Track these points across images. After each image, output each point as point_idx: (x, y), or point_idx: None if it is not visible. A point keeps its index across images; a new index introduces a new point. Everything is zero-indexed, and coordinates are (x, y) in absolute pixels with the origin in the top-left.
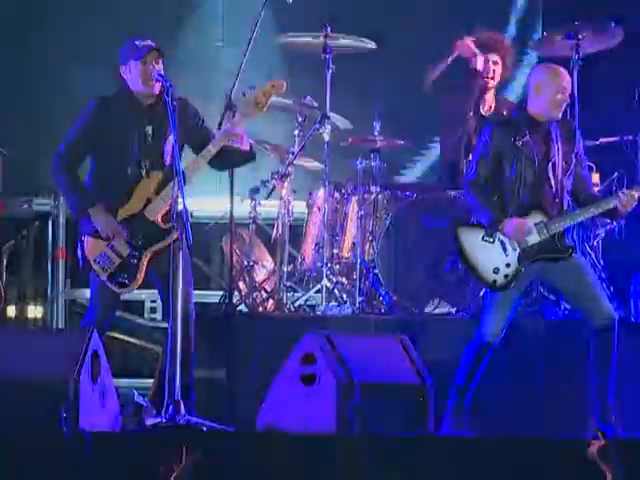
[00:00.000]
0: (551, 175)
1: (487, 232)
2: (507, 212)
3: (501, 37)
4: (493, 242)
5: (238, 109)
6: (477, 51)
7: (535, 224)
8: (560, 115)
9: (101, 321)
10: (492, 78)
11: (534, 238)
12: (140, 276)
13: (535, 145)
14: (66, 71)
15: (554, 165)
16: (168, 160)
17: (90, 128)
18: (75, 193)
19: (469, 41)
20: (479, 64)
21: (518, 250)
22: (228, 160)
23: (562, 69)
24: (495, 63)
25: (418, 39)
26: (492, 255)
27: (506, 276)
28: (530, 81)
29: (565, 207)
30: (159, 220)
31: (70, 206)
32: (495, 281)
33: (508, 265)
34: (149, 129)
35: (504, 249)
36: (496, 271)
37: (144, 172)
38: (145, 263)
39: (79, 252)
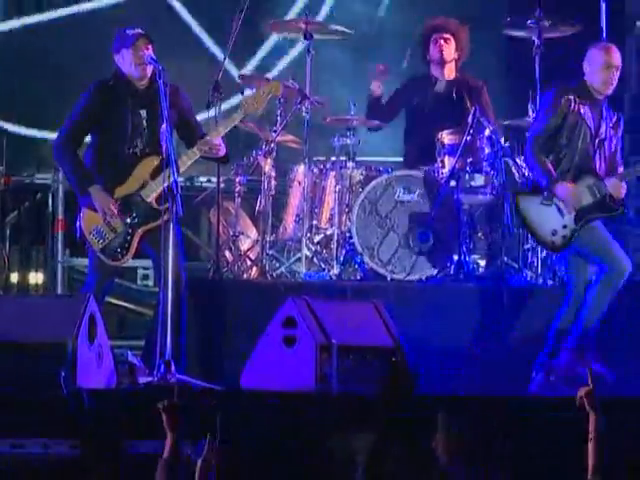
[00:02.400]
0: (603, 142)
1: (545, 197)
2: (561, 173)
3: (451, 20)
4: (550, 206)
5: (240, 106)
6: None
7: (587, 186)
8: (611, 90)
9: (100, 288)
10: (442, 52)
11: (587, 199)
12: (131, 251)
13: (591, 114)
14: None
15: (605, 133)
16: (164, 144)
17: (89, 111)
18: (77, 174)
19: None
20: (430, 49)
21: (573, 212)
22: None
23: (612, 46)
24: (446, 40)
25: (388, 25)
26: (550, 218)
27: (564, 237)
28: (586, 57)
29: (612, 173)
30: (153, 201)
31: (71, 185)
32: (554, 242)
33: (565, 227)
34: (143, 112)
35: (560, 212)
36: (554, 233)
37: (139, 153)
38: (137, 239)
39: (77, 223)
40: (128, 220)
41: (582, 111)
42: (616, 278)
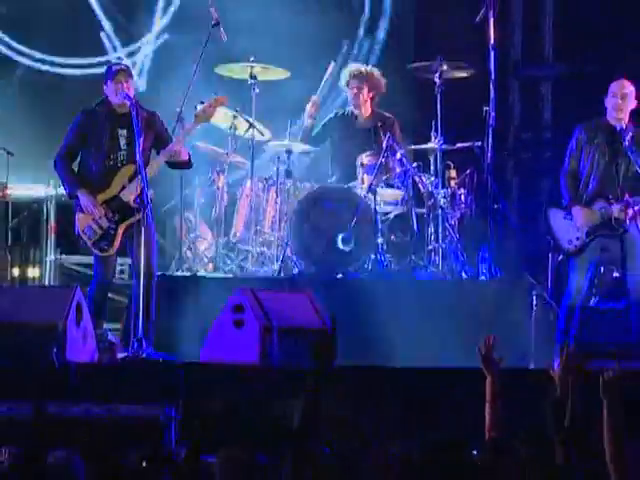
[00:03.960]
0: (618, 171)
1: (567, 213)
2: (582, 195)
3: (362, 66)
4: (571, 220)
5: (194, 117)
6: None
7: (599, 209)
8: (621, 118)
9: (106, 280)
10: (359, 98)
11: (596, 220)
12: (116, 243)
13: (605, 146)
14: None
15: (621, 163)
16: (140, 155)
17: (79, 134)
18: (69, 180)
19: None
20: (349, 94)
21: (585, 229)
22: (173, 166)
23: (621, 80)
24: (361, 89)
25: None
26: (569, 230)
27: (576, 246)
28: (608, 93)
29: (625, 196)
30: (131, 201)
31: (65, 189)
32: (569, 249)
33: (578, 238)
34: (123, 132)
35: (576, 227)
36: (570, 242)
37: (119, 164)
38: (120, 233)
39: (75, 224)
40: (112, 218)
41: (597, 143)
42: None
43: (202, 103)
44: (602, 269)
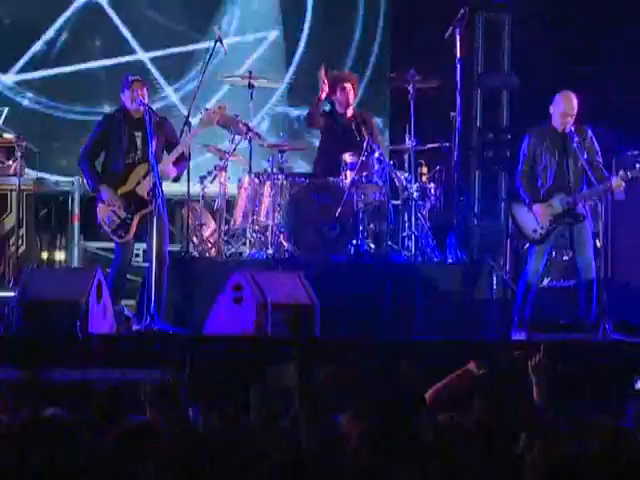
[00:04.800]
0: (569, 167)
1: (527, 206)
2: (538, 194)
3: (350, 73)
4: (532, 212)
5: (199, 121)
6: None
7: (559, 200)
8: (565, 126)
9: (124, 263)
10: (348, 97)
11: (558, 210)
12: (132, 231)
13: (554, 147)
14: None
15: (572, 160)
16: (153, 155)
17: (100, 136)
18: (92, 178)
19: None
20: (338, 94)
21: (550, 217)
22: (175, 163)
23: (567, 94)
24: (349, 89)
25: (302, 81)
26: (532, 221)
27: (541, 235)
28: (553, 102)
29: (579, 188)
30: (145, 195)
31: (88, 185)
32: (534, 238)
33: (542, 227)
34: (139, 134)
35: (541, 216)
36: (534, 231)
37: (136, 162)
38: (135, 222)
39: (97, 213)
40: (128, 209)
41: (547, 145)
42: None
43: (206, 109)
44: (554, 253)
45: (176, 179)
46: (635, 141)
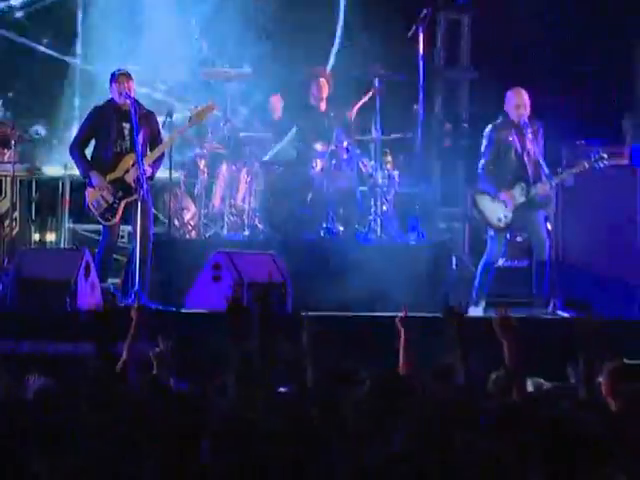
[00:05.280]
0: (527, 158)
1: (493, 196)
2: (504, 181)
3: (324, 69)
4: (497, 201)
5: (188, 119)
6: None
7: (521, 189)
8: (521, 118)
9: (111, 244)
10: (322, 92)
11: (521, 198)
12: (118, 215)
13: (515, 139)
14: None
15: (529, 151)
16: (140, 146)
17: (90, 127)
18: (83, 165)
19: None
20: (313, 89)
21: (512, 206)
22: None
23: (517, 89)
24: (322, 85)
25: (277, 69)
26: (497, 210)
27: (505, 223)
28: (506, 98)
29: (539, 178)
30: (131, 182)
31: (79, 170)
32: (499, 226)
33: (506, 216)
34: (127, 125)
35: (505, 205)
36: (499, 220)
37: (124, 151)
38: (122, 207)
39: (85, 198)
40: (115, 194)
41: (510, 138)
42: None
43: (195, 107)
44: (509, 235)
45: (151, 177)
46: (582, 133)
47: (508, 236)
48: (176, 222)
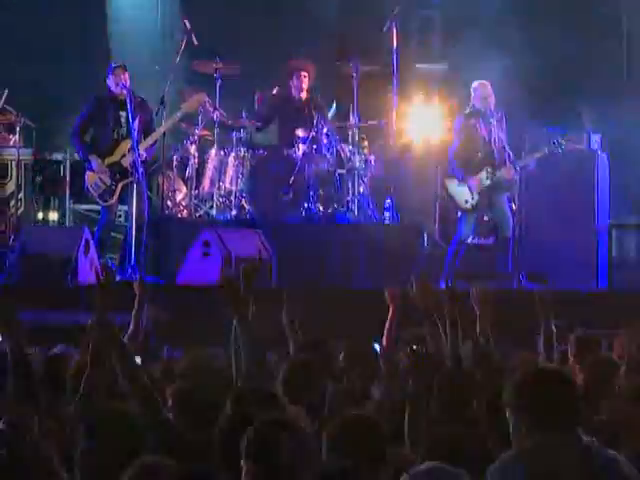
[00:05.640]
0: (492, 144)
1: (460, 180)
2: (472, 165)
3: (305, 62)
4: (464, 185)
5: (180, 108)
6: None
7: (487, 173)
8: (487, 108)
9: (109, 222)
10: (302, 83)
11: (486, 182)
12: (116, 196)
13: (482, 127)
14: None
15: (494, 138)
16: (135, 132)
17: (89, 115)
18: (83, 150)
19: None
20: (294, 80)
21: (478, 190)
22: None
23: (482, 82)
24: (304, 76)
25: (264, 64)
26: (464, 193)
27: (472, 204)
28: (473, 90)
29: (504, 162)
30: (128, 166)
31: (79, 155)
32: (467, 208)
33: (473, 198)
34: (123, 113)
35: (472, 189)
36: (466, 202)
37: (121, 138)
38: (119, 189)
39: (85, 180)
40: (113, 177)
41: (477, 126)
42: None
43: (191, 97)
44: (476, 215)
45: (145, 161)
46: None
47: (476, 216)
48: (169, 202)
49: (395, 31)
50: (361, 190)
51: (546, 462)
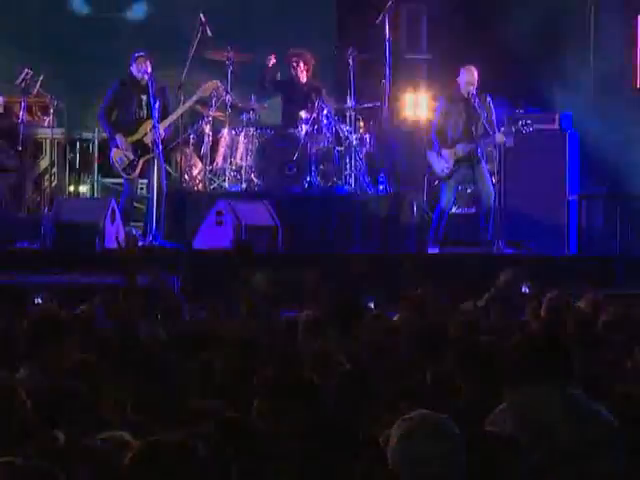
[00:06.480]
0: (471, 123)
1: (437, 152)
2: (447, 140)
3: (304, 51)
4: (441, 156)
5: (195, 94)
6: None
7: (462, 145)
8: (469, 92)
9: (132, 194)
10: (302, 71)
11: (462, 153)
12: (138, 170)
13: (462, 107)
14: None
15: (471, 117)
16: (156, 114)
17: (114, 97)
18: (109, 129)
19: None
20: (295, 68)
21: (453, 159)
22: None
23: (469, 68)
24: (298, 63)
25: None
26: (441, 162)
27: (447, 173)
28: (460, 74)
29: (479, 139)
30: (149, 143)
31: (106, 133)
32: (442, 175)
33: (448, 168)
34: (144, 97)
35: (446, 160)
36: (442, 171)
37: (143, 117)
38: (141, 163)
39: (110, 156)
40: (136, 153)
41: (457, 106)
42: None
43: (204, 82)
44: (460, 187)
45: (164, 140)
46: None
47: (459, 187)
48: (186, 176)
49: (387, 23)
50: (357, 165)
51: (532, 412)
